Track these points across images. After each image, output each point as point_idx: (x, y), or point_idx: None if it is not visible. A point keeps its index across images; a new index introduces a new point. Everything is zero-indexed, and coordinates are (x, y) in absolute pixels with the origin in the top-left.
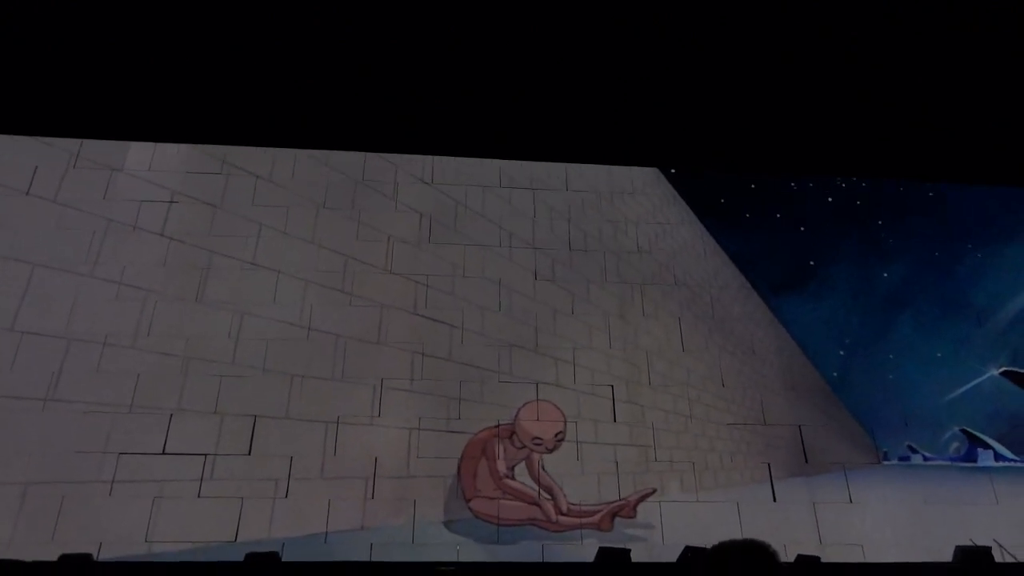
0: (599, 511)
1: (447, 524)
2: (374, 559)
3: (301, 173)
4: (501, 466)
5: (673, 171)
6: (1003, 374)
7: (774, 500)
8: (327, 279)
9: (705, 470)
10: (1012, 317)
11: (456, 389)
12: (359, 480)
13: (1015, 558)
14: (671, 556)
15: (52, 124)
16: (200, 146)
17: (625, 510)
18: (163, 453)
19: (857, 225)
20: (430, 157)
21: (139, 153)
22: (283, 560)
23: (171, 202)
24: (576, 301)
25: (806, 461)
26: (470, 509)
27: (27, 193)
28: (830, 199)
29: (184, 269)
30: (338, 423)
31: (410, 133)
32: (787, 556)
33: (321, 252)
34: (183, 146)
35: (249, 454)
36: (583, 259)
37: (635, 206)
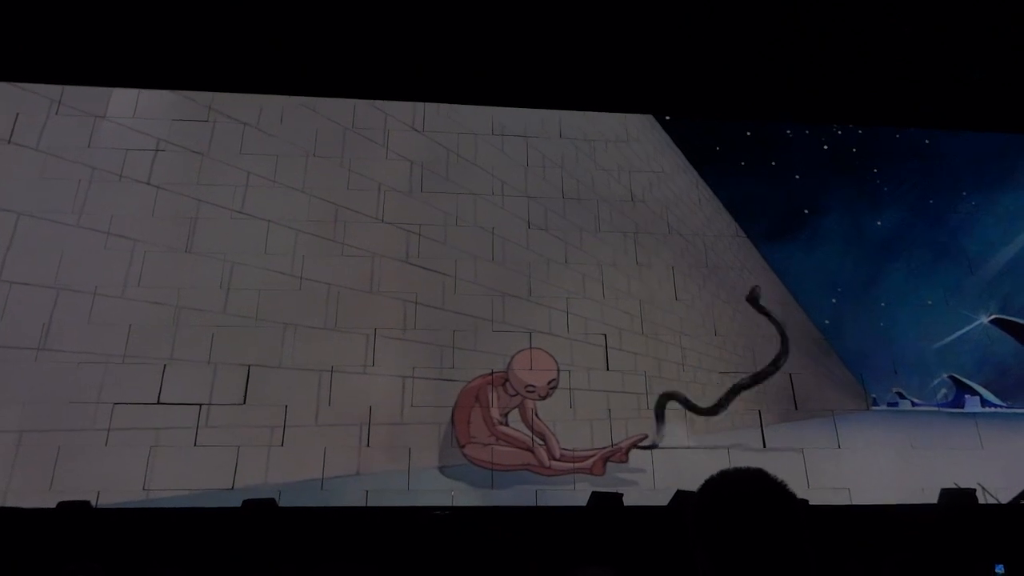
0: (591, 456)
1: (442, 470)
2: (370, 504)
3: (289, 121)
4: (495, 413)
5: (668, 118)
6: (992, 322)
7: (764, 446)
8: (318, 228)
9: (696, 417)
10: (1003, 265)
11: (449, 338)
12: (354, 427)
13: (997, 500)
14: (663, 500)
15: (32, 70)
16: (185, 92)
17: (617, 455)
18: (158, 403)
19: (851, 173)
20: (421, 104)
21: (122, 100)
22: (280, 506)
23: (157, 150)
24: (569, 250)
25: (796, 408)
26: (464, 456)
27: (9, 141)
28: (825, 147)
29: (172, 218)
30: (332, 372)
31: (400, 79)
32: None
33: (312, 201)
34: (168, 92)
35: (244, 403)
36: (576, 208)
37: (629, 154)
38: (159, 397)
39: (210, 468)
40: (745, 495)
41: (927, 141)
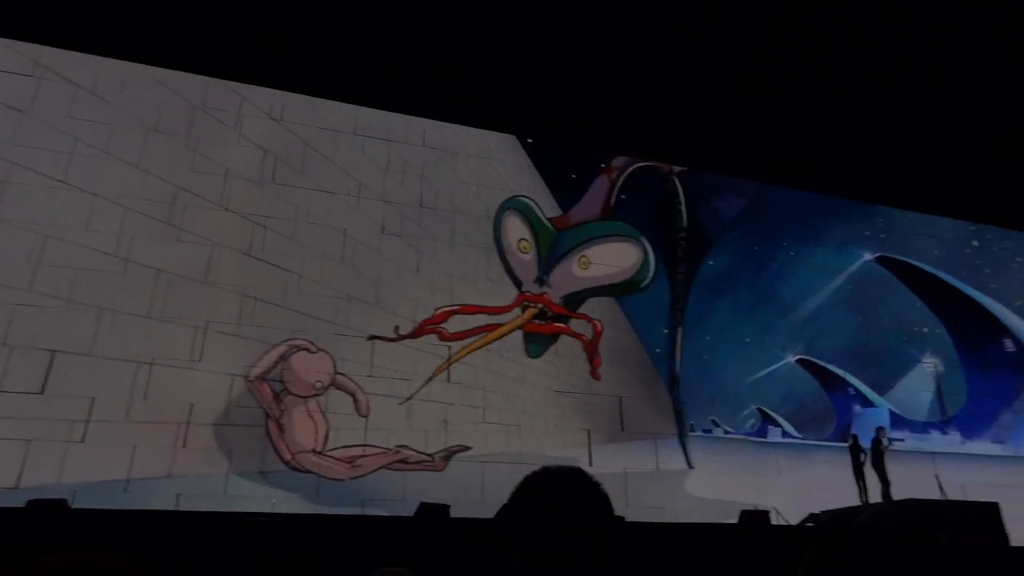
0: (372, 455)
1: (265, 476)
2: (180, 508)
3: (132, 90)
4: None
5: (530, 140)
6: (798, 361)
7: (590, 464)
8: (152, 209)
9: (530, 432)
10: (811, 312)
11: (287, 338)
12: (170, 426)
13: (787, 522)
14: (490, 514)
15: None
16: (7, 41)
17: (422, 464)
18: None
19: (689, 212)
20: (280, 92)
21: None
22: (73, 508)
23: None
24: (422, 259)
25: (622, 429)
26: (293, 462)
27: None
28: (668, 186)
29: None
30: (151, 364)
31: (261, 63)
32: None
33: (148, 179)
34: None
35: (42, 392)
36: (433, 218)
37: (489, 171)
38: None
39: None
40: (558, 491)
41: (758, 193)
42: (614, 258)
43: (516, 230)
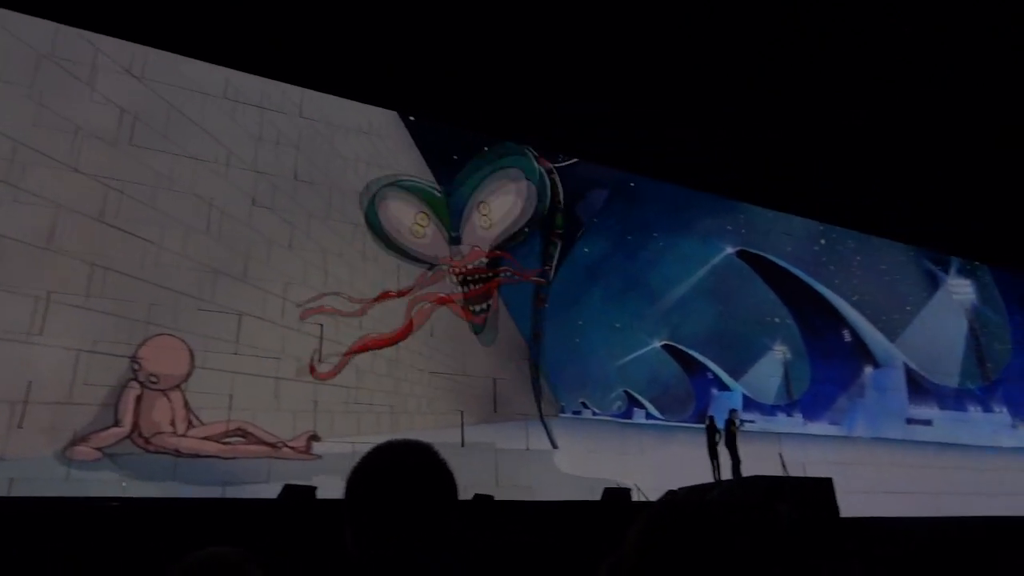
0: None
1: (114, 458)
2: (13, 494)
3: None
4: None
5: (412, 118)
6: (663, 347)
7: (462, 445)
8: None
9: (403, 413)
10: (676, 301)
11: (144, 312)
12: (3, 405)
13: (647, 498)
14: None
15: None
16: None
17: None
18: None
19: (569, 202)
20: (142, 47)
21: None
22: None
23: None
24: (295, 234)
25: (495, 411)
26: (148, 444)
27: None
28: (552, 174)
29: None
30: None
31: (120, 12)
32: (466, 495)
33: None
34: None
35: None
36: (309, 192)
37: (368, 146)
38: None
39: None
40: (396, 465)
41: (632, 184)
42: (508, 202)
43: (404, 210)
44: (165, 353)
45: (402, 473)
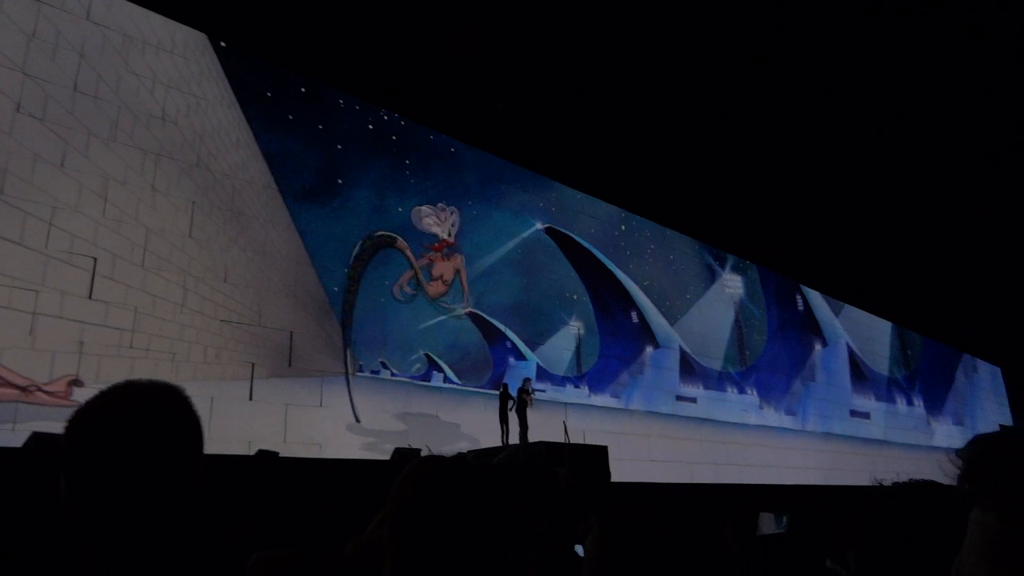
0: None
1: None
2: None
3: None
4: None
5: (223, 44)
6: (468, 314)
7: (250, 399)
8: None
9: (186, 362)
10: (485, 268)
11: None
12: None
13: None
14: None
15: None
16: None
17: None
18: None
19: (387, 157)
20: None
21: None
22: None
23: None
24: (69, 153)
25: (290, 365)
26: None
27: None
28: (370, 127)
29: None
30: None
31: None
32: (250, 450)
33: None
34: None
35: None
36: (91, 107)
37: (171, 67)
38: None
39: None
40: (127, 408)
41: (452, 149)
42: None
43: None
44: None
45: (132, 417)
